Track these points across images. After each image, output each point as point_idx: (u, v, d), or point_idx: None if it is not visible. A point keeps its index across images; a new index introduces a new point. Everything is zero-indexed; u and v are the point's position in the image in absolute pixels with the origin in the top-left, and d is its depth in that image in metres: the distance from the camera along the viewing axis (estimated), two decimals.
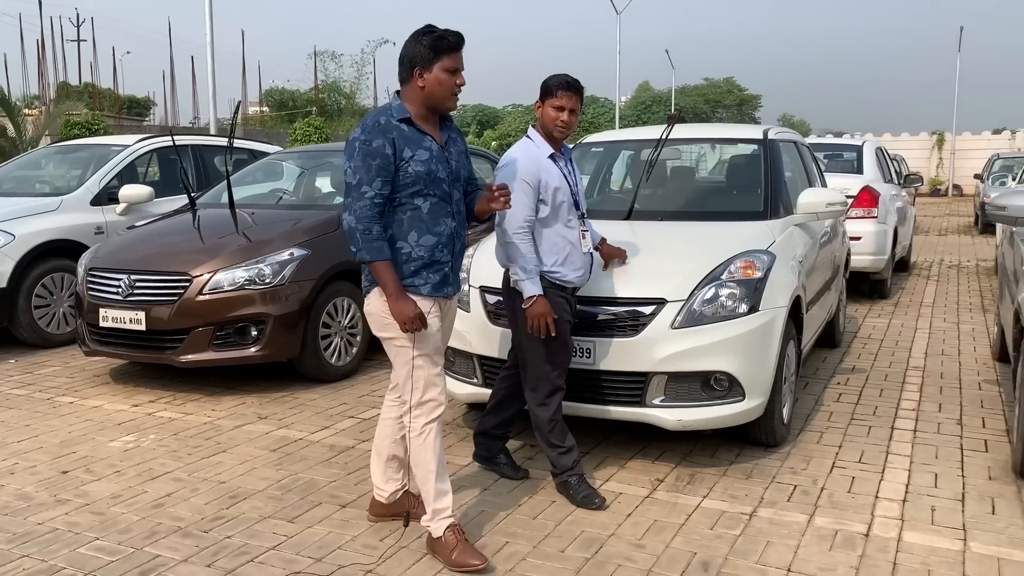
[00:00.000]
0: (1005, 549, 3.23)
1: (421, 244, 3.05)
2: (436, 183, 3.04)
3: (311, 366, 5.53)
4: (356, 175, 2.96)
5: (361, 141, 2.95)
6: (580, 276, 3.72)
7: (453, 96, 3.06)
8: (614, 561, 3.15)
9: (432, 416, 3.10)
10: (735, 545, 3.27)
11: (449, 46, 3.02)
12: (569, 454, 3.70)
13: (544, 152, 3.62)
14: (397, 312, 2.97)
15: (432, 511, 3.11)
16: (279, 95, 60.79)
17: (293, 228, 5.66)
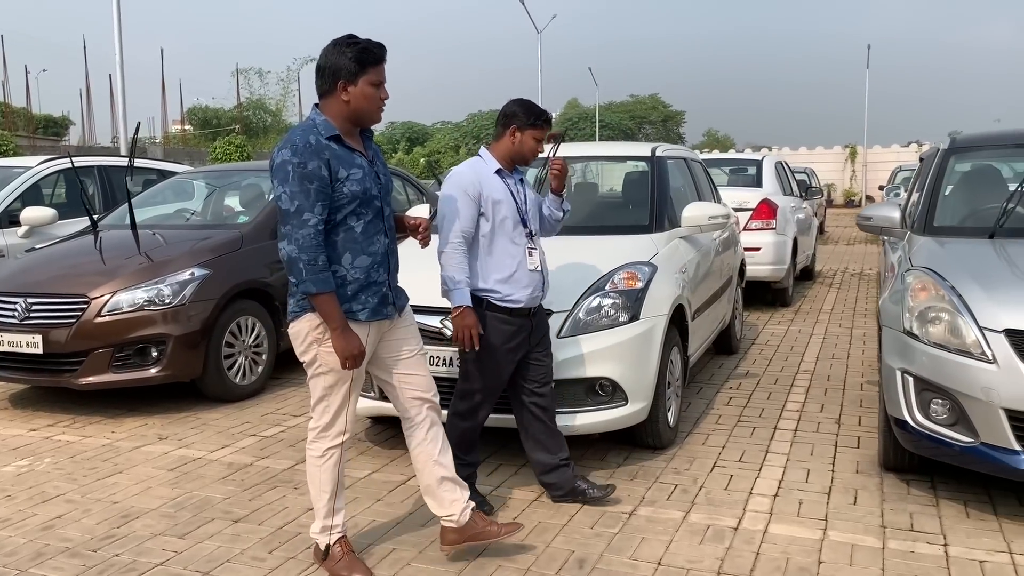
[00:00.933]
0: (859, 536, 3.46)
1: (356, 266, 2.95)
2: (370, 201, 2.95)
3: (214, 386, 5.55)
4: (294, 201, 2.79)
5: (295, 164, 2.79)
6: (530, 295, 3.63)
7: (379, 110, 2.97)
8: (495, 563, 3.28)
9: (335, 442, 3.09)
10: (612, 542, 3.44)
11: (375, 59, 2.92)
12: (466, 467, 3.70)
13: (491, 168, 3.62)
14: (342, 348, 2.88)
15: (322, 526, 3.15)
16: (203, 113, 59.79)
17: (194, 248, 5.68)
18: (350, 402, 3.07)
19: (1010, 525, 3.54)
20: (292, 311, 3.02)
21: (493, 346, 3.57)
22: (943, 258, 4.04)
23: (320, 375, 3.02)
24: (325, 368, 2.99)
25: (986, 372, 3.44)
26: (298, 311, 2.99)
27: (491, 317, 3.56)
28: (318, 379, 3.03)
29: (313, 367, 3.02)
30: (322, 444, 3.10)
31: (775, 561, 3.25)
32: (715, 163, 11.01)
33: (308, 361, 3.02)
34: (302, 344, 3.01)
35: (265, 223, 6.17)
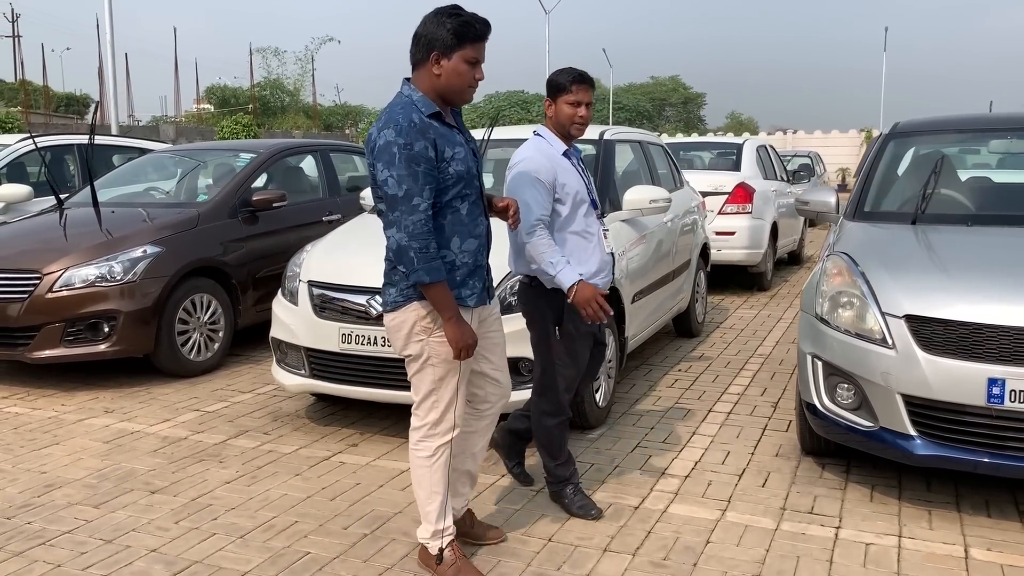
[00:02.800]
0: (756, 517, 3.50)
1: (465, 249, 2.80)
2: (472, 181, 2.80)
3: (167, 361, 5.65)
4: (402, 185, 2.61)
5: (400, 146, 2.61)
6: (604, 278, 3.48)
7: (470, 89, 2.77)
8: (390, 535, 3.35)
9: (446, 439, 2.90)
10: (510, 518, 3.50)
11: (475, 34, 2.73)
12: (566, 465, 3.59)
13: (558, 150, 3.42)
14: (457, 338, 2.72)
15: (434, 530, 2.96)
16: (220, 92, 60.07)
17: (148, 226, 5.78)
18: (459, 396, 2.88)
19: (909, 510, 3.56)
20: (393, 300, 2.84)
21: (575, 329, 3.43)
22: (861, 244, 4.04)
23: (429, 367, 2.83)
24: (436, 360, 2.80)
25: (885, 357, 3.45)
26: (400, 300, 2.81)
27: (567, 304, 3.36)
28: (426, 372, 2.84)
29: (420, 360, 2.83)
30: (432, 443, 2.90)
31: (663, 540, 3.30)
32: (699, 147, 10.99)
33: (414, 354, 2.84)
34: (405, 336, 2.83)
35: (223, 202, 6.25)
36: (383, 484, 3.87)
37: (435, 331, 2.79)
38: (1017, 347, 3.22)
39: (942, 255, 3.79)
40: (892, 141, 4.81)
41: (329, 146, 7.85)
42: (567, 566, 3.10)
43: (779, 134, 39.31)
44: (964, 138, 4.89)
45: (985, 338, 3.28)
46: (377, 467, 4.09)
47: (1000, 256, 3.72)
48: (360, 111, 62.77)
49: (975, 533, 3.34)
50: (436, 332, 2.79)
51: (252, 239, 6.28)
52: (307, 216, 6.82)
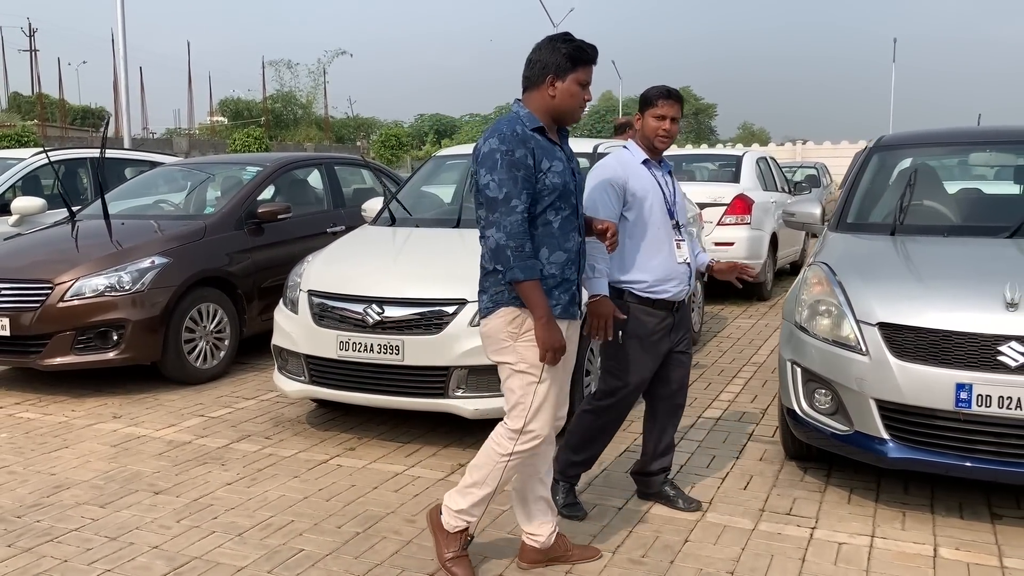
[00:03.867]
0: (735, 518, 3.63)
1: (552, 261, 2.88)
2: (567, 196, 2.90)
3: (174, 369, 5.82)
4: (502, 188, 2.76)
5: (503, 152, 2.77)
6: (677, 288, 3.51)
7: (580, 109, 2.94)
8: (381, 534, 3.50)
9: (525, 447, 2.92)
10: (497, 519, 3.61)
11: (587, 59, 2.91)
12: (578, 466, 3.67)
13: (638, 158, 3.53)
14: (545, 339, 2.78)
15: (460, 508, 3.01)
16: (234, 105, 60.70)
17: (156, 237, 5.96)
18: (549, 402, 2.90)
19: (885, 511, 3.68)
20: (485, 307, 2.92)
21: (636, 337, 3.45)
22: (841, 254, 4.17)
23: (518, 373, 2.87)
24: (524, 364, 2.85)
25: (860, 364, 3.58)
26: (491, 306, 2.90)
27: (633, 308, 3.43)
28: (515, 378, 2.88)
29: (510, 365, 2.89)
30: (510, 444, 2.92)
31: (643, 539, 3.43)
32: (701, 159, 11.12)
33: (503, 360, 2.91)
34: (496, 343, 2.91)
35: (230, 214, 6.43)
36: (377, 486, 4.02)
37: (522, 336, 2.85)
38: (984, 353, 3.34)
39: (917, 265, 3.92)
40: (876, 154, 4.94)
41: (334, 159, 8.04)
42: (550, 562, 3.23)
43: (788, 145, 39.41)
44: (946, 151, 5.02)
45: (954, 345, 3.40)
46: (372, 470, 4.24)
47: (972, 266, 3.84)
48: (372, 123, 63.28)
49: (946, 533, 3.46)
50: (523, 336, 2.85)
51: (257, 250, 6.46)
52: (312, 228, 6.99)
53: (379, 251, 5.11)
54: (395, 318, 4.38)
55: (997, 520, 3.59)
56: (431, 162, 6.34)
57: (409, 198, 5.93)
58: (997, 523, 3.56)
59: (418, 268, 4.75)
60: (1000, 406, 3.29)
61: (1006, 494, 3.80)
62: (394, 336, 4.34)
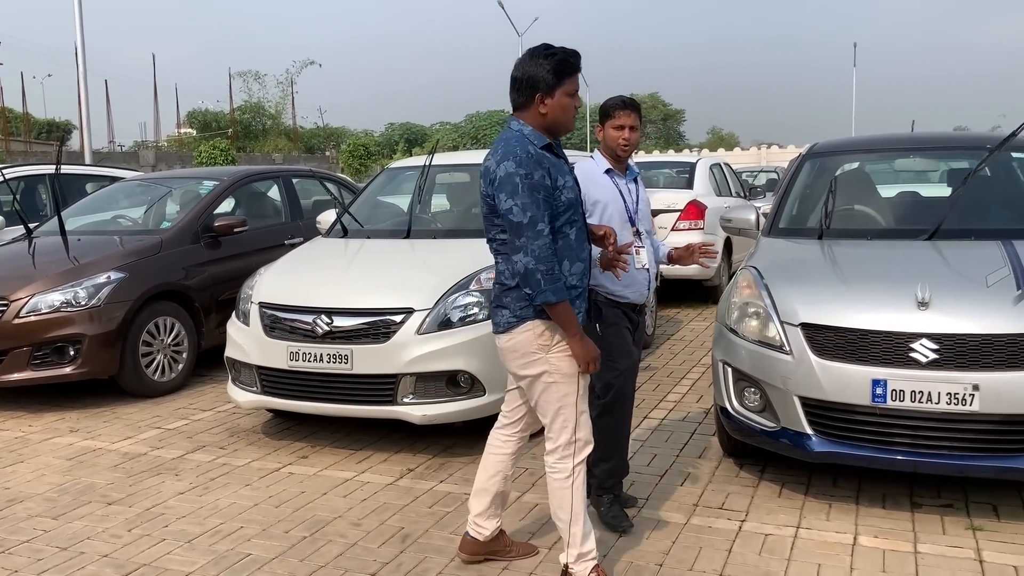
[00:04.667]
0: (669, 513, 3.78)
1: (573, 273, 2.91)
2: (577, 207, 2.94)
3: (132, 382, 5.89)
4: (527, 212, 2.75)
5: (522, 176, 2.76)
6: (634, 292, 3.61)
7: (573, 120, 2.94)
8: (328, 538, 3.61)
9: (581, 457, 2.96)
10: (442, 520, 3.77)
11: (571, 68, 2.89)
12: (613, 475, 3.69)
13: (600, 168, 3.63)
14: (584, 353, 2.84)
15: (578, 554, 3.00)
16: (202, 116, 60.40)
17: (112, 253, 6.03)
18: (585, 408, 2.97)
19: (812, 504, 3.85)
20: (507, 322, 2.93)
21: (612, 324, 3.55)
22: (770, 258, 4.35)
23: (553, 385, 2.90)
24: (559, 376, 2.88)
25: (784, 363, 3.75)
26: (514, 321, 2.91)
27: (600, 302, 3.54)
28: (550, 391, 2.91)
29: (542, 378, 2.91)
30: (568, 463, 2.95)
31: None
32: (657, 165, 11.32)
33: (535, 374, 2.91)
34: (524, 356, 2.91)
35: (186, 228, 6.51)
36: (327, 492, 4.13)
37: (553, 347, 2.88)
38: (897, 350, 3.52)
39: (839, 268, 4.10)
40: (808, 161, 5.14)
41: (292, 172, 8.14)
42: (489, 562, 3.36)
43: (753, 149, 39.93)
44: (875, 157, 5.22)
45: (870, 343, 3.58)
46: (323, 476, 4.35)
47: (889, 268, 4.03)
48: (341, 133, 63.20)
49: (867, 523, 3.63)
50: (555, 348, 2.88)
51: (214, 263, 6.54)
52: (270, 240, 7.07)
53: (330, 263, 5.23)
54: (344, 328, 4.50)
55: (917, 509, 3.77)
56: (384, 174, 6.47)
57: (363, 209, 6.06)
58: (917, 511, 3.74)
59: (367, 279, 4.88)
60: (913, 400, 3.47)
61: (928, 484, 3.99)
62: (343, 346, 4.46)
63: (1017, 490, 3.88)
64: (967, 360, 3.43)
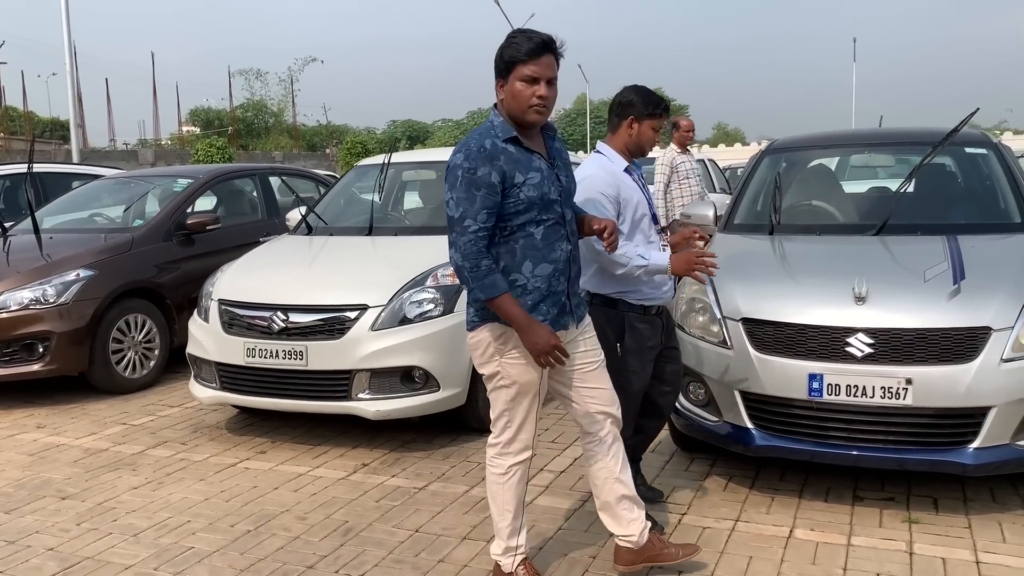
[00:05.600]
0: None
1: (537, 275, 2.79)
2: (549, 206, 2.79)
3: (102, 378, 5.95)
4: (459, 207, 2.69)
5: (464, 169, 2.68)
6: (665, 293, 3.47)
7: (530, 109, 2.73)
8: (271, 531, 3.66)
9: (520, 459, 2.96)
10: (387, 513, 3.81)
11: (525, 52, 2.71)
12: None
13: (620, 166, 3.45)
14: (533, 344, 2.72)
15: (505, 547, 3.02)
16: (204, 114, 60.60)
17: (82, 250, 6.08)
18: (533, 415, 2.93)
19: (755, 498, 3.88)
20: (471, 321, 2.90)
21: (635, 349, 3.41)
22: (720, 254, 4.34)
23: (501, 388, 2.89)
24: (507, 380, 2.86)
25: (725, 357, 3.78)
26: (476, 321, 2.87)
27: (628, 318, 3.39)
28: (499, 392, 2.91)
29: (494, 380, 2.90)
30: (505, 460, 2.97)
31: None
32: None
33: (488, 374, 2.91)
34: (482, 356, 2.90)
35: (158, 226, 6.57)
36: (278, 487, 4.18)
37: (507, 352, 2.83)
38: (834, 345, 3.55)
39: (785, 263, 4.13)
40: (767, 157, 5.16)
41: (268, 169, 8.19)
42: (425, 553, 3.41)
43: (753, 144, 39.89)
44: (831, 153, 5.24)
45: (807, 338, 3.61)
46: (278, 471, 4.39)
47: (831, 263, 4.06)
48: (344, 130, 63.28)
49: (806, 516, 3.66)
50: (508, 353, 2.83)
51: (187, 260, 6.59)
52: (245, 237, 7.08)
53: (290, 260, 5.28)
54: (299, 324, 4.54)
55: (859, 502, 3.80)
56: (353, 172, 6.51)
57: (331, 207, 6.10)
58: (858, 505, 3.77)
59: (323, 276, 4.92)
60: (848, 394, 3.50)
61: (874, 478, 4.01)
62: (298, 342, 4.51)
63: (961, 484, 3.90)
64: (901, 354, 3.46)
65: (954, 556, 3.26)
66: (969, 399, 3.39)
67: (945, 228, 4.23)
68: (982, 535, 3.44)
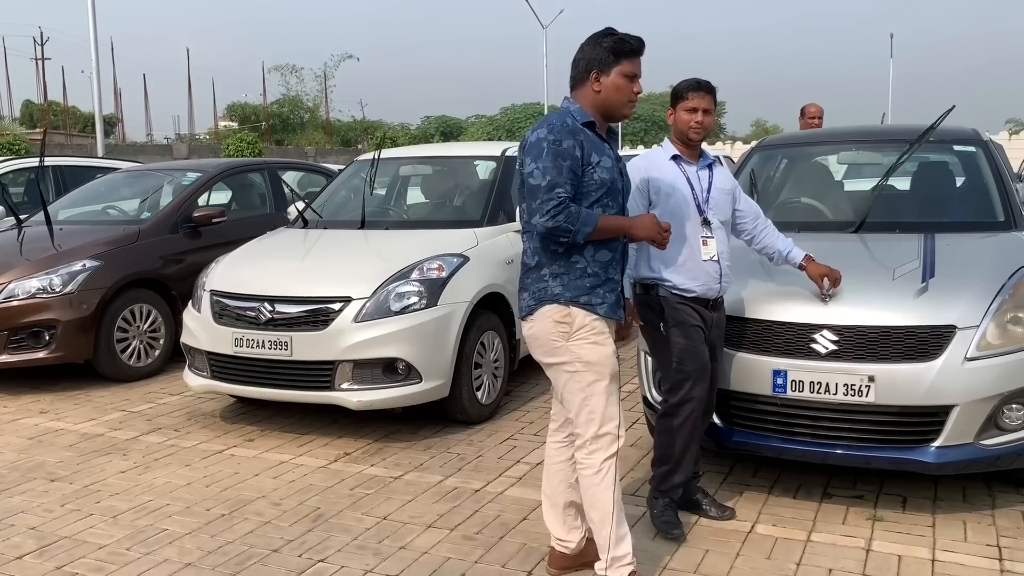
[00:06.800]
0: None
1: (597, 259, 2.80)
2: (615, 194, 2.84)
3: (107, 366, 6.11)
4: (546, 176, 2.68)
5: (550, 141, 2.71)
6: (702, 286, 3.38)
7: (629, 104, 2.86)
8: (244, 516, 3.76)
9: (610, 452, 2.81)
10: (359, 501, 3.89)
11: (631, 50, 2.83)
12: (668, 478, 3.48)
13: (667, 153, 3.47)
14: (645, 230, 2.79)
15: (611, 558, 2.84)
16: (242, 109, 61.36)
17: (89, 241, 6.26)
18: (615, 399, 2.82)
19: (724, 494, 3.88)
20: (527, 306, 2.84)
21: (677, 324, 3.35)
22: None
23: (575, 374, 2.78)
24: (581, 365, 2.76)
25: None
26: (533, 304, 2.81)
27: (669, 299, 3.38)
28: (573, 380, 2.79)
29: (564, 368, 2.80)
30: (596, 458, 2.80)
31: (485, 518, 3.67)
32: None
33: (557, 363, 2.81)
34: (545, 344, 2.81)
35: (165, 219, 6.73)
36: (259, 473, 4.28)
37: (574, 335, 2.77)
38: (799, 341, 3.56)
39: (760, 259, 4.12)
40: (756, 154, 5.15)
41: (278, 164, 8.33)
42: (389, 540, 3.49)
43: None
44: (818, 151, 5.21)
45: (774, 333, 3.62)
46: (261, 459, 4.50)
47: None
48: (378, 126, 63.66)
49: (771, 512, 3.68)
50: (576, 335, 2.77)
51: (194, 252, 6.73)
52: (252, 230, 7.15)
53: (282, 253, 5.38)
54: (285, 315, 4.64)
55: (827, 499, 3.80)
56: (352, 166, 6.60)
57: (331, 201, 6.20)
58: (825, 502, 3.77)
59: (311, 269, 5.02)
60: (812, 391, 3.51)
61: (846, 476, 4.01)
62: (283, 333, 4.61)
63: (933, 483, 3.89)
64: (865, 351, 3.46)
65: (911, 554, 3.26)
66: (931, 397, 3.38)
67: (925, 226, 4.20)
68: (944, 534, 3.43)
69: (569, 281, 2.78)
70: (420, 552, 3.38)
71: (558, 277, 2.79)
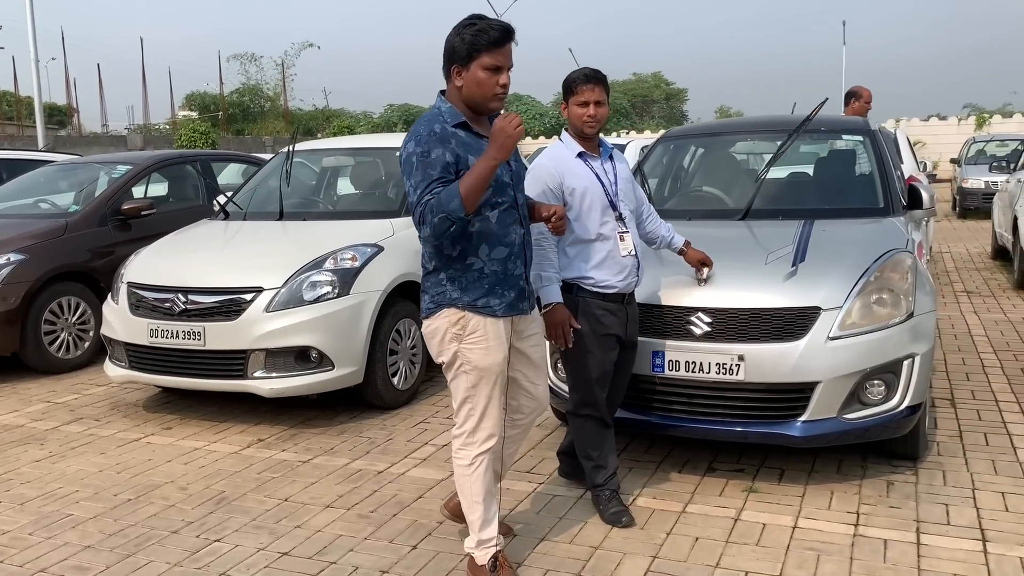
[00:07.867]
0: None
1: (493, 258, 2.81)
2: (502, 189, 2.80)
3: (35, 359, 6.18)
4: (417, 191, 2.66)
5: (419, 154, 2.67)
6: (623, 281, 3.43)
7: (495, 98, 2.76)
8: (150, 500, 3.88)
9: (483, 448, 2.92)
10: (264, 484, 4.03)
11: (489, 41, 2.71)
12: (599, 471, 3.59)
13: (572, 152, 3.43)
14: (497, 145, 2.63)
15: (477, 540, 2.99)
16: (200, 99, 60.66)
17: (13, 235, 6.30)
18: (496, 402, 2.90)
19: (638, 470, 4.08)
20: (426, 308, 2.88)
21: (589, 333, 3.40)
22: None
23: (461, 375, 2.87)
24: (468, 367, 2.84)
25: None
26: (432, 307, 2.86)
27: (585, 302, 3.40)
28: (459, 379, 2.88)
29: (453, 367, 2.88)
30: (470, 451, 2.93)
31: (381, 497, 3.83)
32: None
33: (447, 361, 2.88)
34: (439, 343, 2.88)
35: (93, 212, 6.78)
36: (171, 460, 4.40)
37: (466, 337, 2.82)
38: (676, 323, 3.75)
39: None
40: (660, 145, 5.34)
41: (210, 156, 8.38)
42: (286, 520, 3.63)
43: None
44: (717, 141, 5.40)
45: (654, 316, 3.81)
46: (176, 446, 4.62)
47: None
48: (340, 114, 63.24)
49: (654, 486, 3.87)
50: (467, 338, 2.82)
51: (123, 245, 6.76)
52: (182, 223, 7.18)
53: (199, 245, 5.49)
54: (199, 305, 4.76)
55: (710, 473, 4.00)
56: (277, 157, 6.70)
57: (256, 193, 6.29)
58: (708, 476, 3.97)
59: (226, 260, 5.13)
60: (687, 370, 3.70)
61: (732, 451, 4.21)
62: (196, 323, 4.72)
63: (813, 456, 4.10)
64: (736, 332, 3.66)
65: (775, 522, 3.47)
66: (796, 375, 3.59)
67: (808, 213, 4.40)
68: (811, 503, 3.64)
69: (467, 284, 2.81)
70: (314, 531, 3.53)
71: (455, 281, 2.82)
